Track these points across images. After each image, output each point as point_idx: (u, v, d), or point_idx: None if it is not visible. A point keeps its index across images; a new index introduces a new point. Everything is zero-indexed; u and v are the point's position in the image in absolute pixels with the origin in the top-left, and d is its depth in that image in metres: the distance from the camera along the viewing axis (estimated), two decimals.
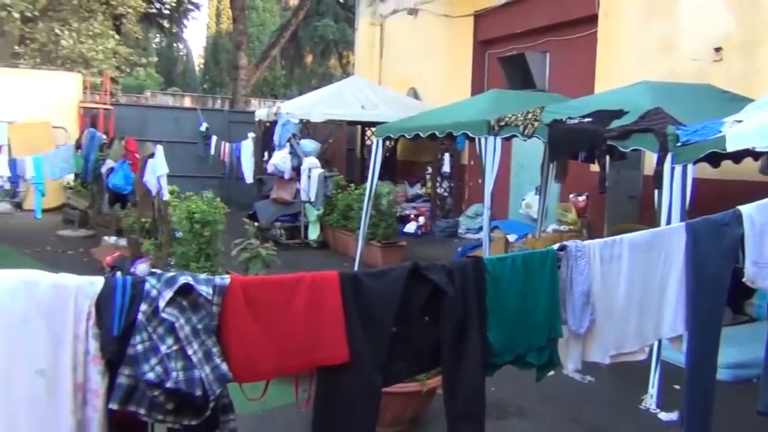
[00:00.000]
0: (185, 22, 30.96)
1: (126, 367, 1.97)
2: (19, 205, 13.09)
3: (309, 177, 10.60)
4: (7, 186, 11.73)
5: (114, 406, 1.96)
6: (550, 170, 8.31)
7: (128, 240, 8.57)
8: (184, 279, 2.05)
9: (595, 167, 7.49)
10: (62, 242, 10.49)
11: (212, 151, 14.25)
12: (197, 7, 29.99)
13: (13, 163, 10.00)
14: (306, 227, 11.01)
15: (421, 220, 12.12)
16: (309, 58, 33.16)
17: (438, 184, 12.83)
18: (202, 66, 43.47)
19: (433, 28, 13.55)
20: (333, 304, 2.22)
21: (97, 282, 2.01)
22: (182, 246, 6.68)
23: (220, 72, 36.36)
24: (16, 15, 19.53)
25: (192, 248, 6.55)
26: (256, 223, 9.19)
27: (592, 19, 9.75)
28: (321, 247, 10.84)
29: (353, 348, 2.22)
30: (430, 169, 13.16)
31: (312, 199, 10.61)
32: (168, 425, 2.08)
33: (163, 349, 1.97)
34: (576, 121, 5.84)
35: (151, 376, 1.94)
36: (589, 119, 5.74)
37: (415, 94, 13.86)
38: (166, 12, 27.92)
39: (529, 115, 6.41)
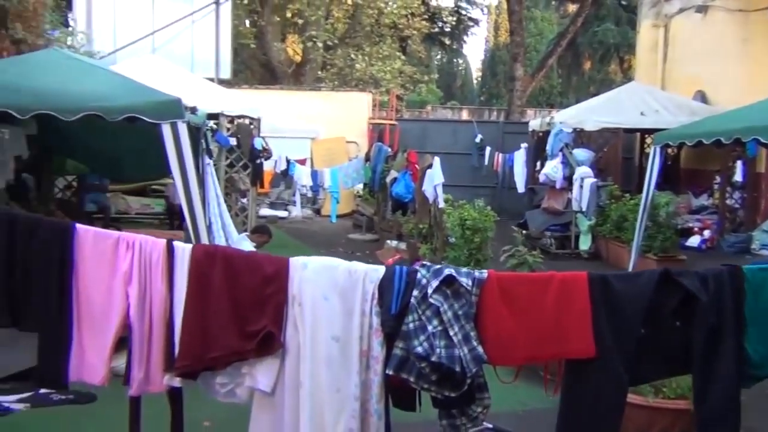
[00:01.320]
0: (465, 38, 32.46)
1: (400, 340, 2.39)
2: (318, 211, 14.99)
3: (581, 186, 10.47)
4: (310, 194, 13.65)
5: (390, 371, 2.40)
6: None
7: (407, 244, 9.35)
8: (448, 271, 2.41)
9: None
10: (351, 244, 11.75)
11: (486, 162, 14.79)
12: (476, 22, 31.34)
13: (314, 174, 11.57)
14: (577, 237, 10.89)
15: (707, 233, 11.18)
16: (587, 65, 32.39)
17: (728, 195, 11.73)
18: (479, 79, 44.90)
19: (725, 26, 12.45)
20: (581, 301, 2.38)
21: (380, 269, 2.50)
22: (455, 251, 7.18)
23: (496, 84, 37.18)
24: (320, 44, 22.41)
25: (463, 253, 7.01)
26: (524, 231, 9.38)
27: None
28: (592, 258, 10.61)
29: (600, 344, 2.35)
30: (718, 179, 12.08)
31: (584, 209, 10.46)
32: (432, 394, 2.45)
33: (429, 328, 2.35)
34: None
35: (419, 350, 2.33)
36: None
37: (702, 98, 12.83)
38: (448, 30, 29.54)
39: None
